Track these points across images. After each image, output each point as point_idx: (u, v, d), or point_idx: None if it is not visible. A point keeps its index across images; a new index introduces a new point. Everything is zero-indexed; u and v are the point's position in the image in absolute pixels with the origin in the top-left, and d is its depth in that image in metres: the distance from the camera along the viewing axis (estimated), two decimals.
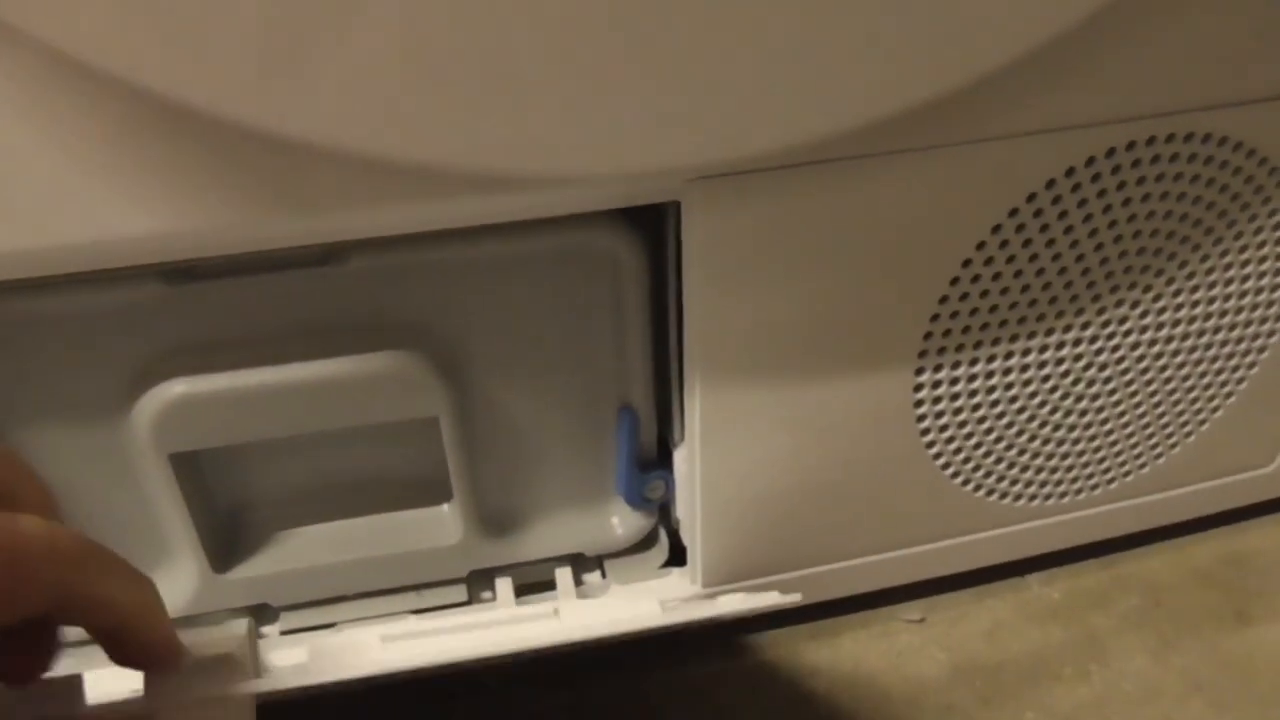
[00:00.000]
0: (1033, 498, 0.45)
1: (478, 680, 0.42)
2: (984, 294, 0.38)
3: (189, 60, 0.26)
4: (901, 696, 0.42)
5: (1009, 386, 0.41)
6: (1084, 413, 0.43)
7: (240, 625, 0.26)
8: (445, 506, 0.41)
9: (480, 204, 0.32)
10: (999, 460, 0.43)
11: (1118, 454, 0.45)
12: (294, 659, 0.37)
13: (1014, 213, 0.36)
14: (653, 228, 0.36)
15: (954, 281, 0.37)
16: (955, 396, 0.40)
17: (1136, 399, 0.43)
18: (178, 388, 0.35)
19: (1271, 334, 0.43)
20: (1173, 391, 0.43)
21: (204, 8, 0.25)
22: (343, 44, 0.26)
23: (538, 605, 0.40)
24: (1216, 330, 0.42)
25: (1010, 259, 0.37)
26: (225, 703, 0.25)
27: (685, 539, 0.42)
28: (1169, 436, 0.45)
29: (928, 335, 0.38)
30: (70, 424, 0.35)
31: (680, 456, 0.40)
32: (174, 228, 0.30)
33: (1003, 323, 0.39)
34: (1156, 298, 0.40)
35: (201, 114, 0.27)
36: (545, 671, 0.43)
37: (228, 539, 0.40)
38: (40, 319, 0.33)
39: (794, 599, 0.35)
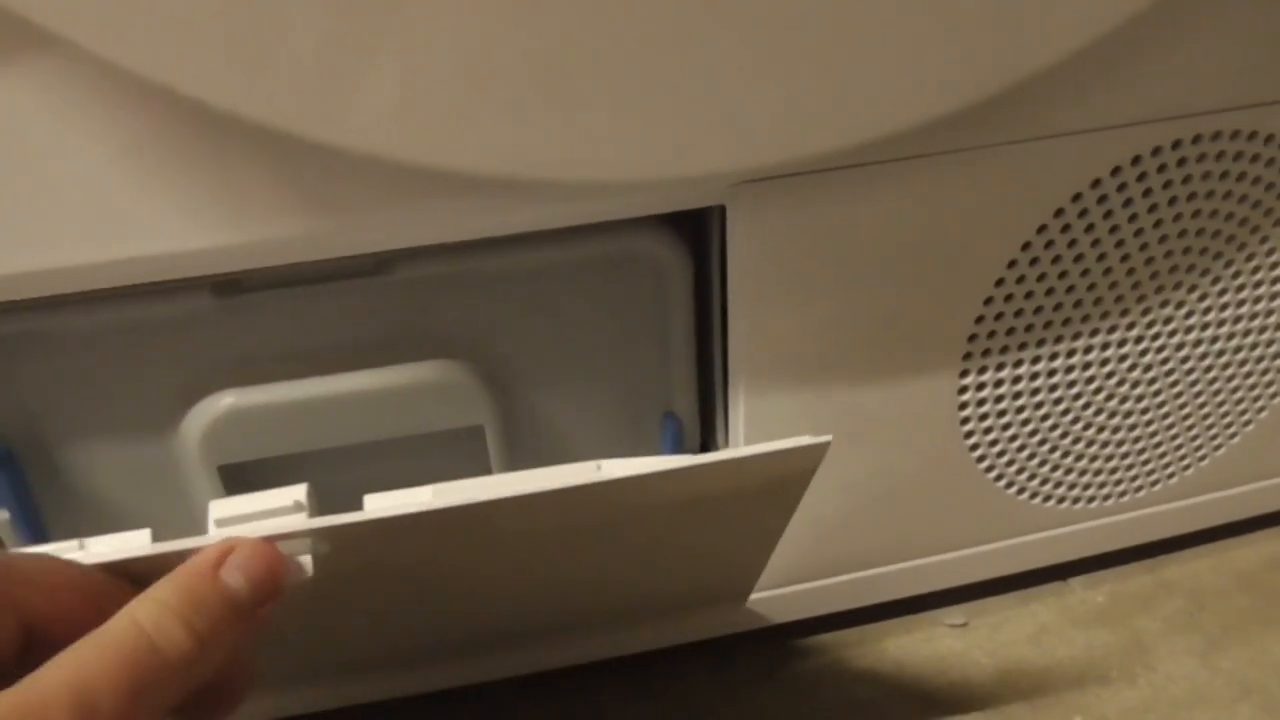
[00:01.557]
0: (1076, 500, 0.44)
1: (525, 687, 0.42)
2: (1029, 295, 0.38)
3: (249, 76, 0.26)
4: (947, 701, 0.42)
5: (1053, 388, 0.40)
6: (1128, 414, 0.42)
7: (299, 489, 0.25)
8: None
9: (527, 212, 0.32)
10: (1043, 463, 0.42)
11: (1162, 456, 0.44)
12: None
13: (1059, 213, 0.36)
14: (695, 233, 0.36)
15: (999, 283, 0.37)
16: (999, 399, 0.40)
17: (1181, 400, 0.43)
18: (226, 400, 0.35)
19: None
20: (1217, 392, 0.43)
21: (265, 26, 0.25)
22: (398, 59, 0.26)
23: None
24: (1262, 330, 0.42)
25: (1055, 259, 0.37)
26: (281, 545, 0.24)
27: None
28: (1214, 438, 0.45)
29: (972, 337, 0.38)
30: (120, 437, 0.36)
31: None
32: (224, 241, 0.30)
33: (1047, 324, 0.39)
34: (1202, 297, 0.40)
35: (257, 128, 0.27)
36: (599, 674, 0.43)
37: None
38: (92, 332, 0.33)
39: None
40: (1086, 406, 0.41)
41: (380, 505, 0.25)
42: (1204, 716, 0.41)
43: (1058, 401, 0.41)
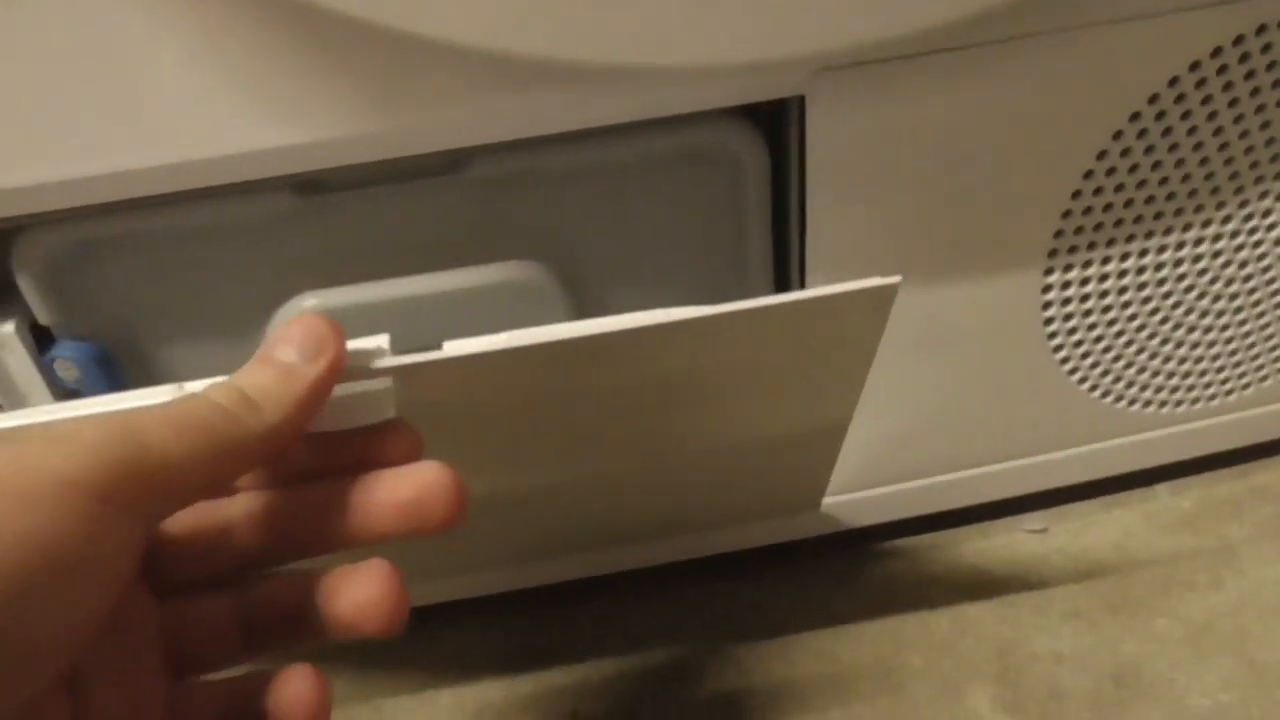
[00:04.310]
0: (1163, 404, 0.43)
1: (611, 584, 0.43)
2: (1119, 188, 0.36)
3: None
4: (1026, 604, 0.42)
5: (1141, 286, 0.39)
6: (1220, 314, 0.41)
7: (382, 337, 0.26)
8: None
9: (602, 104, 0.32)
10: (1129, 365, 0.41)
11: (1255, 357, 0.43)
12: None
13: (1154, 99, 0.34)
14: (772, 126, 0.35)
15: (1088, 175, 0.36)
16: (1085, 298, 0.39)
17: (1277, 298, 0.41)
18: (309, 301, 0.36)
19: None
20: None
21: None
22: None
23: None
24: None
25: (1149, 149, 0.35)
26: (365, 396, 0.25)
27: None
28: None
29: (1058, 233, 0.37)
30: (208, 337, 0.37)
31: None
32: (305, 138, 0.30)
33: (1137, 218, 0.37)
34: None
35: (337, 19, 0.27)
36: (671, 577, 0.43)
37: None
38: (179, 235, 0.34)
39: None
40: (1176, 306, 0.40)
41: (458, 346, 0.25)
42: None
43: (1146, 300, 0.39)
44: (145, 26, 0.28)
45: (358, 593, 0.23)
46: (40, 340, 0.35)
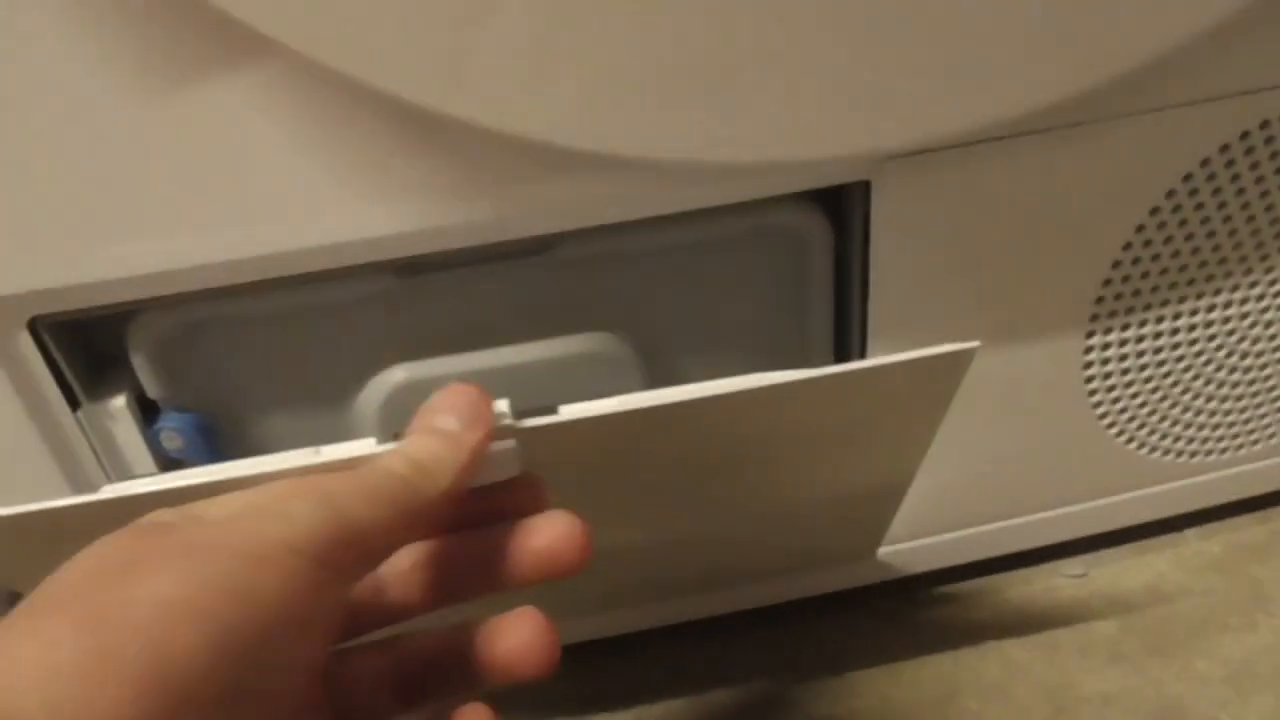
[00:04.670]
0: (1194, 454, 0.46)
1: (671, 629, 0.45)
2: (1155, 257, 0.39)
3: (455, 77, 0.28)
4: (1071, 647, 0.44)
5: (1175, 346, 0.42)
6: (1247, 370, 0.43)
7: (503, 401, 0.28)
8: None
9: (683, 192, 0.34)
10: (1163, 418, 0.44)
11: (1278, 409, 0.45)
12: None
13: (1187, 178, 0.37)
14: (835, 204, 0.38)
15: (1127, 246, 0.38)
16: (1124, 357, 0.41)
17: None
18: (399, 374, 0.38)
19: None
20: None
21: (466, 29, 0.27)
22: (586, 56, 0.28)
23: None
24: None
25: (1182, 223, 0.38)
26: (499, 454, 0.26)
27: None
28: None
29: (1099, 299, 0.39)
30: (302, 409, 0.39)
31: None
32: (416, 226, 0.33)
33: (1172, 285, 0.40)
34: None
35: (451, 123, 0.29)
36: (730, 622, 0.45)
37: None
38: (279, 313, 0.36)
39: None
40: (1208, 363, 0.43)
41: (573, 410, 0.28)
42: None
43: (1179, 359, 0.42)
44: (270, 128, 0.30)
45: (514, 638, 0.25)
46: (145, 411, 0.38)
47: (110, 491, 0.26)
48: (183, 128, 0.30)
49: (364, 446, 0.26)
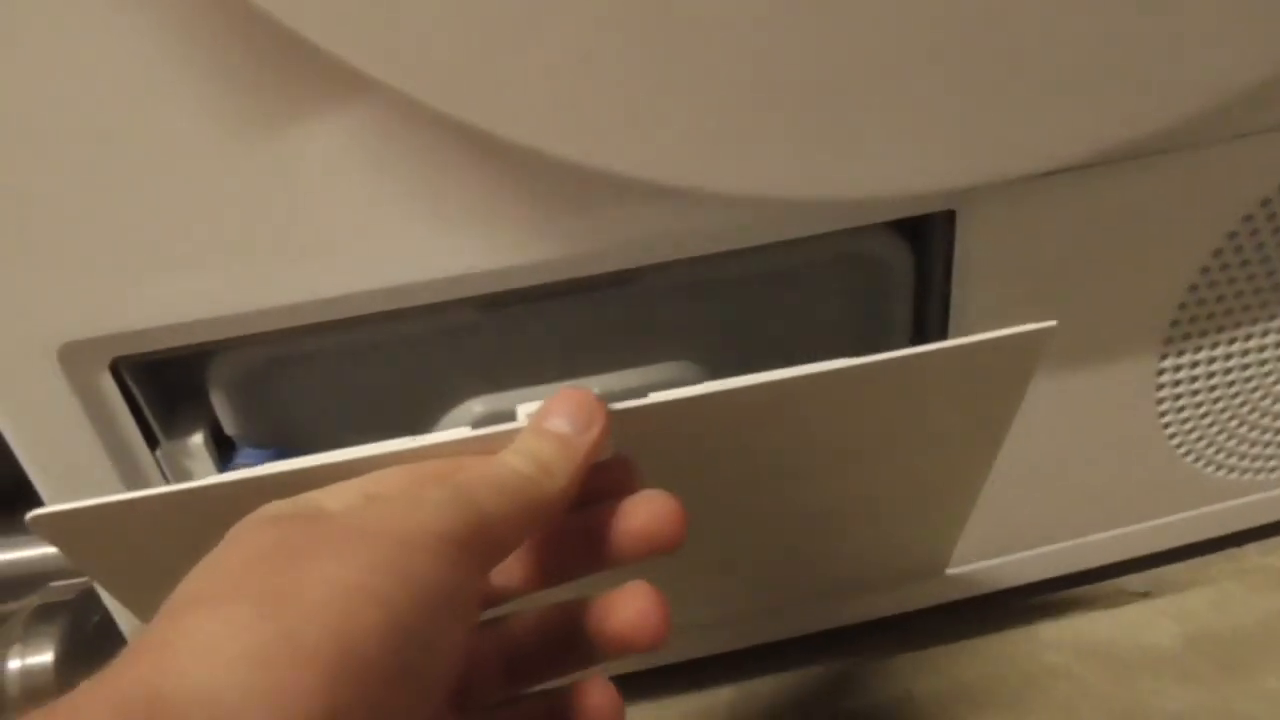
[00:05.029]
0: (1258, 471, 0.46)
1: (737, 662, 0.45)
2: (1231, 280, 0.39)
3: (558, 117, 0.28)
4: (1141, 666, 0.44)
5: (1245, 367, 0.42)
6: None
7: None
8: None
9: (769, 225, 0.34)
10: (1230, 437, 0.44)
11: None
12: None
13: (1266, 202, 0.37)
14: (915, 230, 0.38)
15: (1204, 270, 0.38)
16: (1194, 379, 0.41)
17: None
18: (477, 408, 0.37)
19: None
20: None
21: (566, 69, 0.27)
22: (694, 96, 0.28)
23: None
24: None
25: (1259, 245, 0.38)
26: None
27: None
28: None
29: (1175, 322, 0.39)
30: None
31: None
32: (502, 263, 0.32)
33: (1246, 307, 0.40)
34: None
35: (554, 163, 0.29)
36: (794, 645, 0.45)
37: None
38: (361, 349, 0.36)
39: None
40: (1277, 382, 0.43)
41: (661, 394, 0.28)
42: None
43: (1248, 380, 0.42)
44: (355, 169, 0.30)
45: (629, 610, 0.25)
46: (220, 448, 0.37)
47: (230, 476, 0.26)
48: (271, 171, 0.30)
49: (459, 432, 0.27)
